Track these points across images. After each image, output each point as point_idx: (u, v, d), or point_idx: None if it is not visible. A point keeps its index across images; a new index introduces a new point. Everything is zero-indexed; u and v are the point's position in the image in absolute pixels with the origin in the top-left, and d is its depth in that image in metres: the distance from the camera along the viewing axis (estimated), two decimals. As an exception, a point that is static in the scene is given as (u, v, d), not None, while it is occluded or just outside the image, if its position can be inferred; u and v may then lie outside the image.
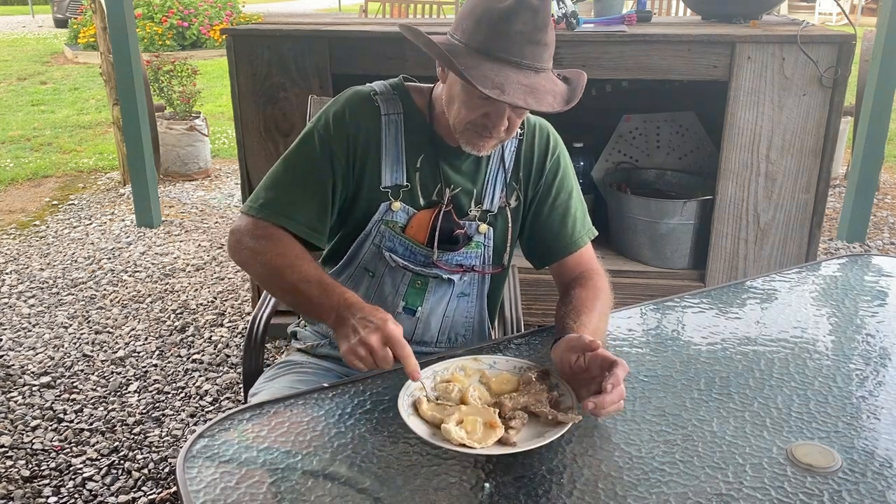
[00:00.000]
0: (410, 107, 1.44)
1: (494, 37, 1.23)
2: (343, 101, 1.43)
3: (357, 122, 1.40)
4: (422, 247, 1.45)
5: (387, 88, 1.46)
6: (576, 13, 2.66)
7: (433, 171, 1.43)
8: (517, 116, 1.32)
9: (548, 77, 1.28)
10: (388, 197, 1.42)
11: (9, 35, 14.27)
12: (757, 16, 2.93)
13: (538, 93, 1.24)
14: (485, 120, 1.31)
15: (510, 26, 1.22)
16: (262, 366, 1.66)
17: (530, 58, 1.24)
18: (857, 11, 14.03)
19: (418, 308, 1.49)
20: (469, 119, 1.32)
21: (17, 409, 2.58)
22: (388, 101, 1.43)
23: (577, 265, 1.49)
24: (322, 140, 1.40)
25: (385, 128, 1.41)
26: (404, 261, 1.45)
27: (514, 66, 1.23)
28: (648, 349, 1.40)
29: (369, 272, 1.48)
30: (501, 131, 1.32)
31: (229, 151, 5.94)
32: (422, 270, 1.46)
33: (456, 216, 1.45)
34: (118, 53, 4.01)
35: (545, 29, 1.24)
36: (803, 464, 1.06)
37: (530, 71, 1.24)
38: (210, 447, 1.09)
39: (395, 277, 1.47)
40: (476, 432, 1.07)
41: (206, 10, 10.65)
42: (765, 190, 2.69)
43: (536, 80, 1.24)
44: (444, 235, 1.44)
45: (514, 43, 1.23)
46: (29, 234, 4.24)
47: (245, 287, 3.50)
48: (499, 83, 1.21)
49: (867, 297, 1.64)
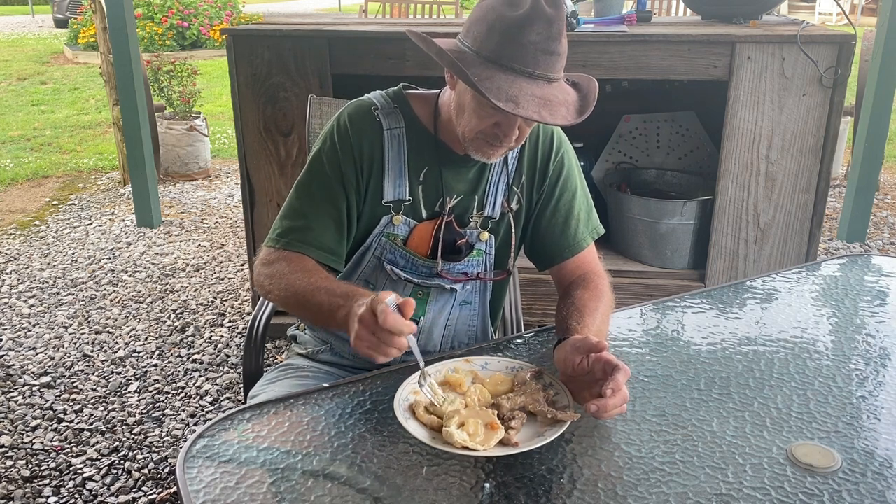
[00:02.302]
0: (412, 119, 1.42)
1: (507, 46, 1.20)
2: (345, 120, 1.41)
3: (360, 140, 1.39)
4: (424, 259, 1.44)
5: (387, 102, 1.43)
6: (576, 13, 2.66)
7: (436, 182, 1.42)
8: (527, 125, 1.31)
9: (560, 87, 1.25)
10: (390, 211, 1.41)
11: (9, 35, 14.27)
12: (757, 16, 2.93)
13: (552, 105, 1.21)
14: (496, 129, 1.29)
15: (524, 36, 1.19)
16: (263, 366, 1.66)
17: (543, 68, 1.21)
18: (857, 11, 14.03)
19: (421, 318, 1.48)
20: (480, 129, 1.30)
21: (17, 409, 2.58)
22: (390, 116, 1.41)
23: (577, 267, 1.48)
24: (331, 163, 1.39)
25: (388, 143, 1.40)
26: (406, 273, 1.45)
27: (528, 77, 1.20)
28: (648, 349, 1.40)
29: (370, 284, 1.47)
30: (512, 140, 1.30)
31: (229, 151, 5.94)
32: (424, 282, 1.45)
33: (457, 225, 1.44)
34: (118, 53, 4.01)
35: (559, 39, 1.21)
36: (803, 464, 1.06)
37: (543, 81, 1.21)
38: (210, 447, 1.09)
39: (397, 288, 1.46)
40: (478, 434, 1.07)
41: (206, 10, 10.65)
42: (765, 190, 2.69)
43: (549, 92, 1.22)
44: (446, 246, 1.43)
45: (527, 53, 1.20)
46: (29, 234, 4.24)
47: (245, 287, 3.50)
48: (513, 96, 1.18)
49: (867, 297, 1.64)
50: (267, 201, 2.83)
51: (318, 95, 1.90)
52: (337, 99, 1.91)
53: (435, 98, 1.44)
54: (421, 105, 1.44)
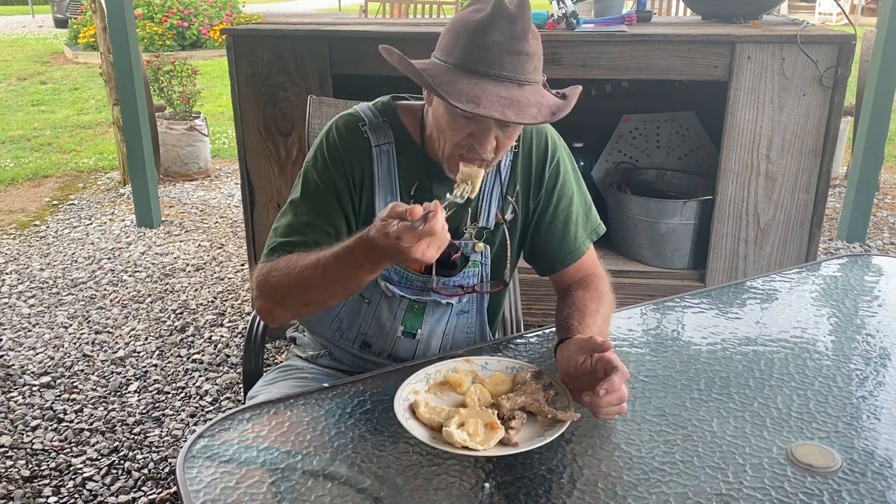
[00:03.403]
0: (401, 133, 1.39)
1: (471, 50, 1.17)
2: (334, 136, 1.38)
3: (349, 154, 1.36)
4: (418, 274, 1.41)
5: (375, 116, 1.40)
6: (576, 13, 2.66)
7: (427, 197, 1.37)
8: (506, 136, 1.26)
9: (535, 90, 1.20)
10: None
11: (9, 35, 14.27)
12: (757, 16, 2.93)
13: (519, 105, 1.16)
14: (471, 140, 1.24)
15: (486, 37, 1.16)
16: (262, 366, 1.66)
17: (511, 69, 1.17)
18: (857, 11, 14.03)
19: (418, 331, 1.47)
20: (455, 141, 1.26)
21: (17, 409, 2.58)
22: (378, 131, 1.38)
23: (578, 270, 1.47)
24: (324, 179, 1.36)
25: (377, 160, 1.37)
26: (400, 289, 1.43)
27: (493, 79, 1.17)
28: (648, 349, 1.40)
29: (365, 299, 1.45)
30: (489, 151, 1.24)
31: (229, 151, 5.94)
32: (419, 297, 1.43)
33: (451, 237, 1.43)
34: (118, 53, 4.01)
35: (525, 38, 1.18)
36: (803, 464, 1.06)
37: (512, 84, 1.17)
38: (210, 447, 1.09)
39: (392, 304, 1.45)
40: (478, 434, 1.07)
41: (206, 10, 10.65)
42: (765, 190, 2.69)
43: (519, 94, 1.17)
44: (441, 261, 1.38)
45: (491, 54, 1.16)
46: (29, 234, 4.24)
47: (245, 287, 3.50)
48: (474, 97, 1.14)
49: (867, 297, 1.64)
50: (267, 201, 2.83)
51: (317, 95, 1.90)
52: (337, 99, 1.91)
53: (422, 109, 1.40)
54: (409, 117, 1.41)
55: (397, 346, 1.48)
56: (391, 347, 1.48)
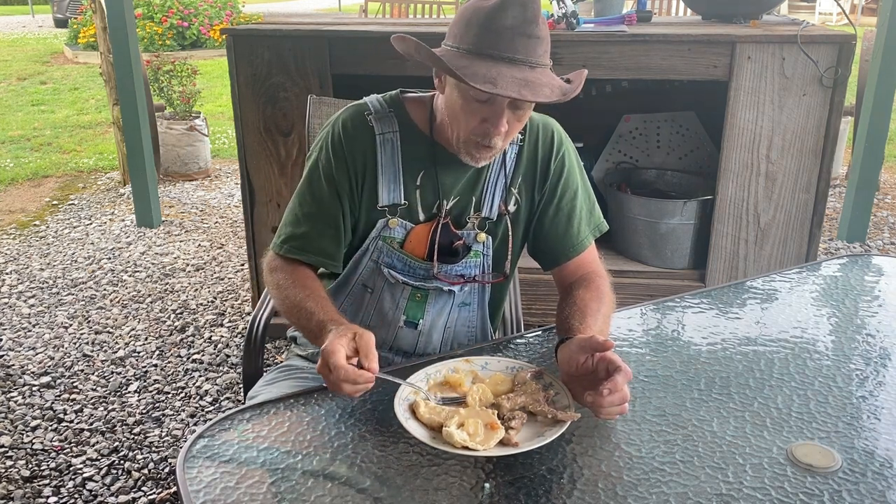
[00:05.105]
0: (407, 122, 1.42)
1: (485, 35, 1.22)
2: (339, 127, 1.42)
3: (352, 145, 1.40)
4: (421, 261, 1.44)
5: (382, 106, 1.43)
6: (576, 13, 2.66)
7: (433, 185, 1.42)
8: (516, 120, 1.30)
9: (545, 73, 1.25)
10: (386, 214, 1.41)
11: (9, 35, 14.27)
12: (757, 16, 2.93)
13: (533, 85, 1.21)
14: (484, 126, 1.28)
15: (500, 22, 1.21)
16: (262, 366, 1.66)
17: (524, 52, 1.22)
18: (857, 11, 14.03)
19: (420, 321, 1.48)
20: (470, 127, 1.29)
21: (17, 409, 2.58)
22: (383, 120, 1.41)
23: (579, 267, 1.47)
24: (326, 172, 1.41)
25: (380, 147, 1.40)
26: (403, 276, 1.45)
27: (508, 62, 1.21)
28: (648, 349, 1.40)
29: (368, 289, 1.47)
30: (502, 133, 1.29)
31: (229, 151, 5.94)
32: (422, 285, 1.45)
33: (455, 226, 1.44)
34: (118, 53, 4.01)
35: (536, 21, 1.22)
36: (803, 464, 1.06)
37: (525, 66, 1.22)
38: (210, 447, 1.09)
39: (395, 292, 1.46)
40: (478, 434, 1.07)
41: (206, 10, 10.65)
42: (765, 190, 2.69)
43: (532, 75, 1.22)
44: (443, 248, 1.43)
45: (504, 38, 1.21)
46: (29, 234, 4.24)
47: (245, 287, 3.50)
48: (491, 78, 1.19)
49: (867, 297, 1.64)
50: (267, 201, 2.83)
51: (317, 95, 1.90)
52: (337, 99, 1.91)
53: (430, 100, 1.44)
54: (417, 108, 1.44)
55: (399, 337, 1.49)
56: (393, 338, 1.49)
